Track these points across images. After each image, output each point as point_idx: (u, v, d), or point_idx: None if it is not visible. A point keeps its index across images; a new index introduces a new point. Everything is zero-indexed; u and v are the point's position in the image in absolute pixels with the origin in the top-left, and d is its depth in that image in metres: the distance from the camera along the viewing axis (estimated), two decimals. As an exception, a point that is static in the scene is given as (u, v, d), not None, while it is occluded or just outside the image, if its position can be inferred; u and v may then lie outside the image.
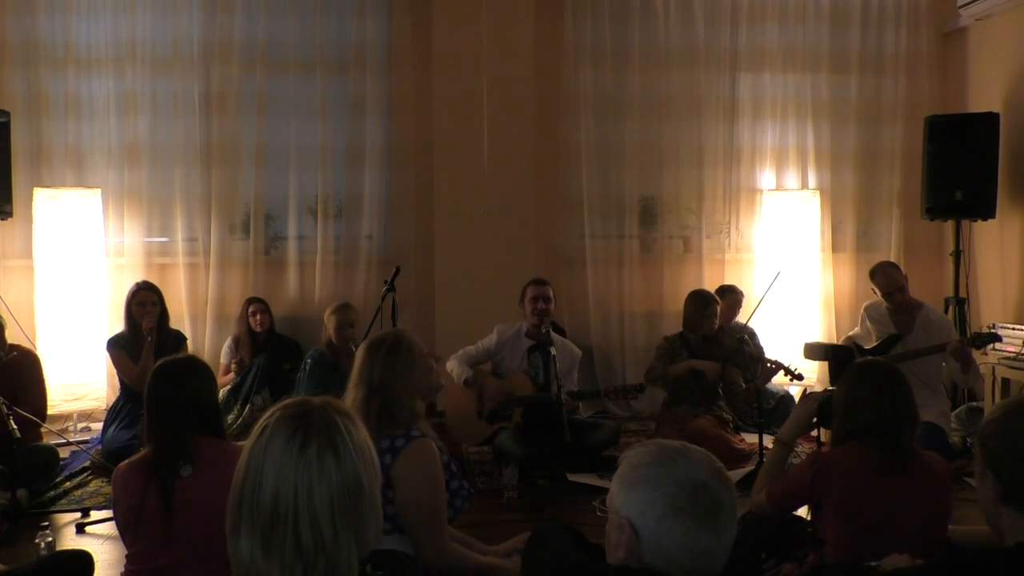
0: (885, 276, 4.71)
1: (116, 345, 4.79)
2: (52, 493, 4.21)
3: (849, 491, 2.44)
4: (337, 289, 5.99)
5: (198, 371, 2.49)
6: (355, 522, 1.31)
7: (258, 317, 5.57)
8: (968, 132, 5.52)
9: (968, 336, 4.75)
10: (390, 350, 2.49)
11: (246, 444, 1.35)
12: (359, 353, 2.53)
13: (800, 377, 4.70)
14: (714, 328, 4.97)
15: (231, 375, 5.53)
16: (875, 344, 4.72)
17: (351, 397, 2.46)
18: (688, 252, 6.43)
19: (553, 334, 4.70)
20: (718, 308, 5.01)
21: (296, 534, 1.27)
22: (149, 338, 4.62)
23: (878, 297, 4.76)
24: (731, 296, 5.54)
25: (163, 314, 4.80)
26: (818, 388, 5.67)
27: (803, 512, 2.84)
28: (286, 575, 1.27)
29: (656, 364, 4.97)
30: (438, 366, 2.74)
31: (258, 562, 1.28)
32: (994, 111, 5.59)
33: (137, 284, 4.87)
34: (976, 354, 4.97)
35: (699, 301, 5.00)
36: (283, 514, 1.27)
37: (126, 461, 2.43)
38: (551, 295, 4.74)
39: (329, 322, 5.21)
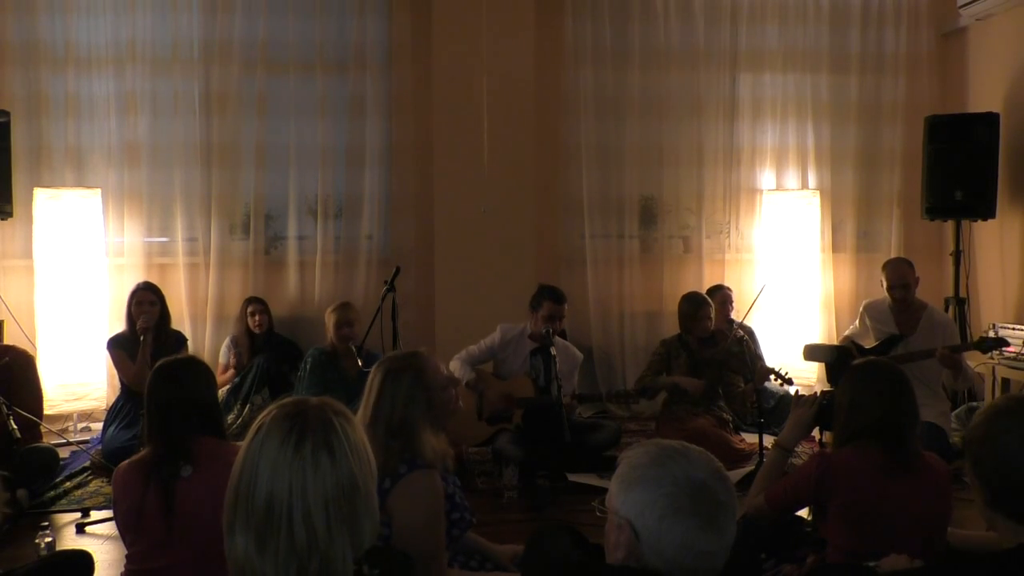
0: (894, 269, 4.70)
1: (116, 345, 4.80)
2: (52, 493, 4.20)
3: (855, 492, 2.43)
4: (337, 289, 5.99)
5: (198, 371, 2.50)
6: (350, 521, 1.32)
7: (257, 318, 5.58)
8: (968, 132, 5.53)
9: (976, 341, 4.72)
10: (411, 384, 2.35)
11: (243, 442, 1.36)
12: (375, 378, 2.39)
13: (790, 382, 4.70)
14: (709, 330, 4.98)
15: (230, 374, 5.53)
16: (875, 344, 4.71)
17: (364, 423, 2.32)
18: (688, 252, 6.43)
19: (554, 336, 4.70)
20: (711, 310, 5.01)
21: (290, 532, 1.27)
22: (143, 338, 4.63)
23: (883, 293, 4.75)
24: (720, 294, 5.54)
25: (163, 315, 4.80)
26: (817, 389, 5.66)
27: (803, 513, 2.84)
28: (280, 573, 1.28)
29: (646, 374, 4.97)
30: (457, 388, 2.60)
31: (253, 560, 1.28)
32: (994, 111, 5.59)
33: (137, 284, 4.88)
34: (978, 355, 4.97)
35: (692, 304, 5.00)
36: (277, 512, 1.28)
37: (127, 461, 2.43)
38: (566, 312, 4.73)
39: (328, 321, 5.20)
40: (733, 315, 5.62)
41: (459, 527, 2.45)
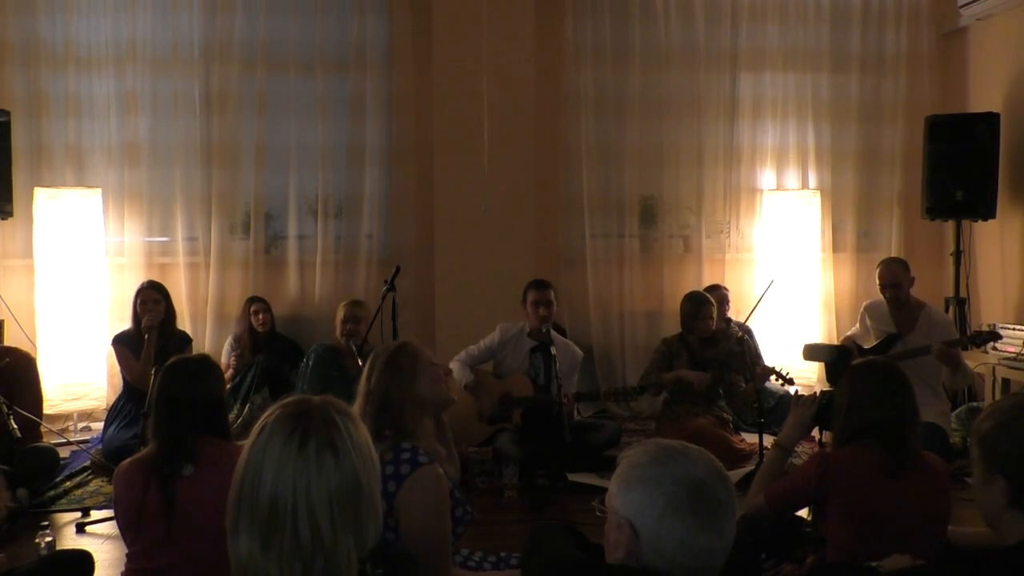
0: (886, 268, 4.70)
1: (121, 342, 4.82)
2: (52, 493, 4.21)
3: (855, 491, 2.43)
4: (337, 289, 5.99)
5: (210, 371, 2.51)
6: (354, 521, 1.31)
7: (260, 316, 5.58)
8: (968, 132, 5.52)
9: (968, 335, 4.73)
10: (390, 357, 2.40)
11: (247, 442, 1.36)
12: (367, 367, 2.43)
13: (791, 381, 4.69)
14: (710, 330, 4.97)
15: (231, 374, 5.52)
16: (874, 344, 4.71)
17: (359, 413, 2.30)
18: (688, 252, 6.43)
19: (554, 334, 4.70)
20: (713, 310, 5.01)
21: (294, 532, 1.27)
22: (147, 336, 4.64)
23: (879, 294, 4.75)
24: (716, 294, 5.54)
25: (168, 313, 4.81)
26: (816, 389, 5.66)
27: (803, 513, 2.84)
28: (284, 573, 1.27)
29: (650, 371, 4.97)
30: (447, 378, 2.58)
31: (256, 560, 1.28)
32: (994, 111, 5.59)
33: (142, 283, 4.91)
34: (976, 353, 4.96)
35: (694, 303, 5.00)
36: (281, 512, 1.28)
37: (128, 459, 2.44)
38: (552, 298, 4.73)
39: (337, 315, 5.22)
40: (731, 314, 5.62)
41: (463, 523, 2.42)
